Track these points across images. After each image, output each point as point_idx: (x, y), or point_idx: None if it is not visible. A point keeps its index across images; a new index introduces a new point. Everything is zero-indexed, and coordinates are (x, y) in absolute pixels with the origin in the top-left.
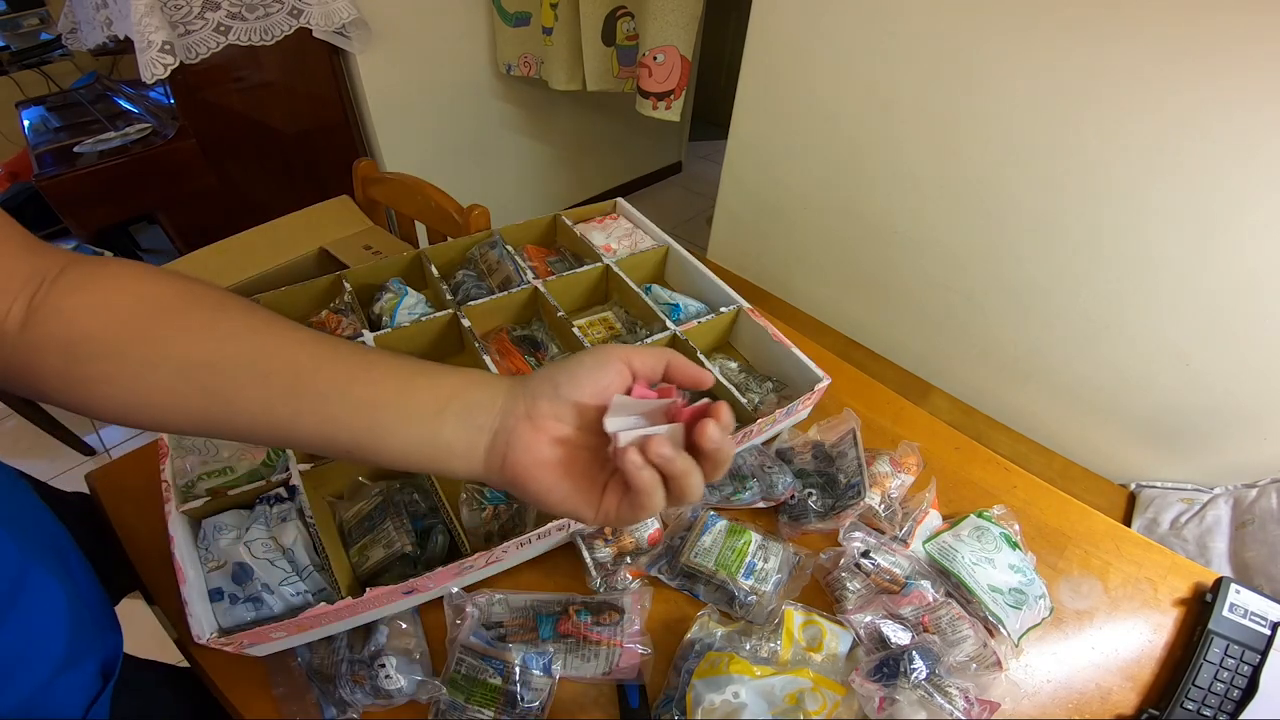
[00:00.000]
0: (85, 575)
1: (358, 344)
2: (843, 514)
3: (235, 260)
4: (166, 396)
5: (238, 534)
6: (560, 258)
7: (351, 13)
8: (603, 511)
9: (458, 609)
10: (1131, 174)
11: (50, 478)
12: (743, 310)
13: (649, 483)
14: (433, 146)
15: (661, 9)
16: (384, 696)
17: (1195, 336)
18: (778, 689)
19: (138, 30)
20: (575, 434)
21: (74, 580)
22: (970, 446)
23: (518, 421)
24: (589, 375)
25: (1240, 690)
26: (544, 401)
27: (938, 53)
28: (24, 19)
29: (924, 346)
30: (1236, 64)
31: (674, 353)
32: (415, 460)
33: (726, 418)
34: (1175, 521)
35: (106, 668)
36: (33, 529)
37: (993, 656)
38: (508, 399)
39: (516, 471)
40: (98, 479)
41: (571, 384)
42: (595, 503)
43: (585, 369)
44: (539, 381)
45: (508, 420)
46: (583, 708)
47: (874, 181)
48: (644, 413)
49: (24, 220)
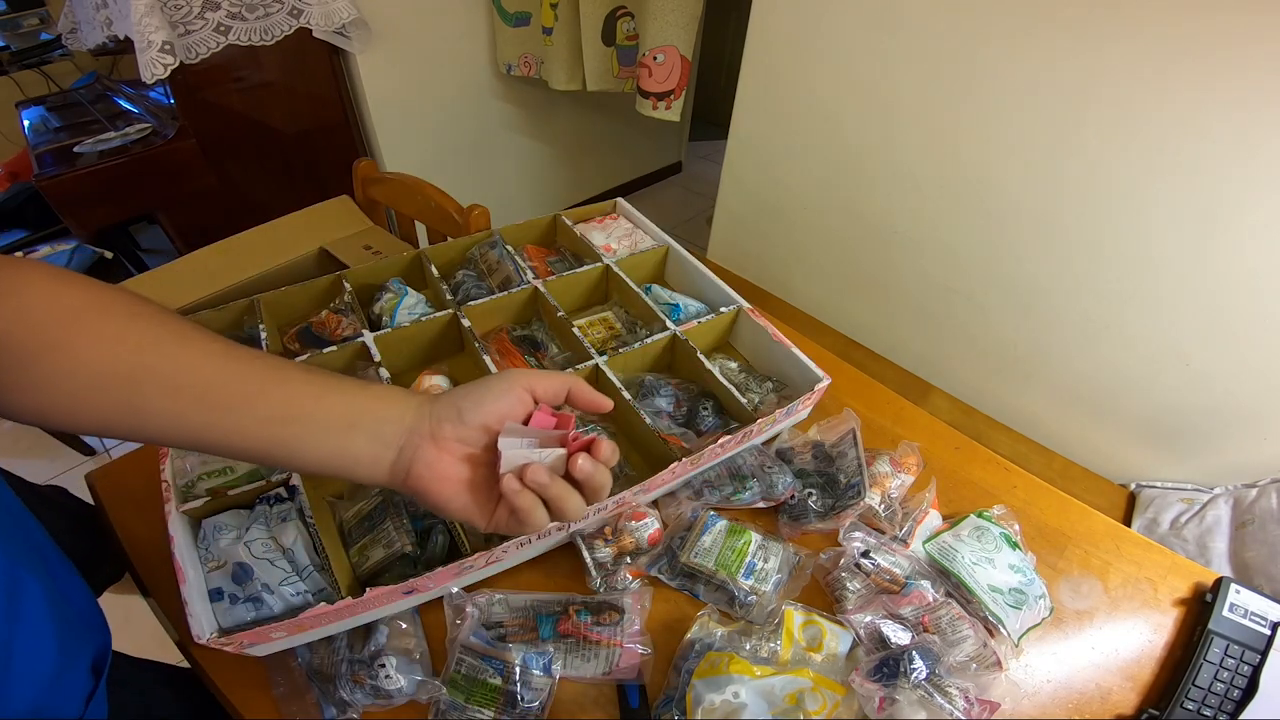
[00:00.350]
0: (66, 572)
1: (274, 357)
2: (843, 514)
3: (235, 260)
4: (77, 403)
5: (238, 534)
6: (560, 258)
7: (351, 13)
8: (494, 522)
9: (458, 609)
10: (1131, 174)
11: (50, 478)
12: (743, 310)
13: (526, 504)
14: (433, 146)
15: (661, 9)
16: (384, 696)
17: (1195, 336)
18: (778, 689)
19: (138, 30)
20: (477, 453)
21: (55, 579)
22: (970, 446)
23: (422, 440)
24: (492, 401)
25: (1240, 690)
26: (447, 425)
27: (938, 52)
28: (24, 19)
29: (924, 346)
30: (1236, 64)
31: (576, 380)
32: (324, 469)
33: (605, 452)
34: (1175, 521)
35: (97, 664)
36: (14, 531)
37: (993, 656)
38: (415, 418)
39: (418, 484)
40: (98, 479)
41: (474, 409)
42: (489, 514)
43: (490, 395)
44: (444, 405)
45: (413, 439)
46: (583, 708)
47: (874, 181)
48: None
49: (24, 220)
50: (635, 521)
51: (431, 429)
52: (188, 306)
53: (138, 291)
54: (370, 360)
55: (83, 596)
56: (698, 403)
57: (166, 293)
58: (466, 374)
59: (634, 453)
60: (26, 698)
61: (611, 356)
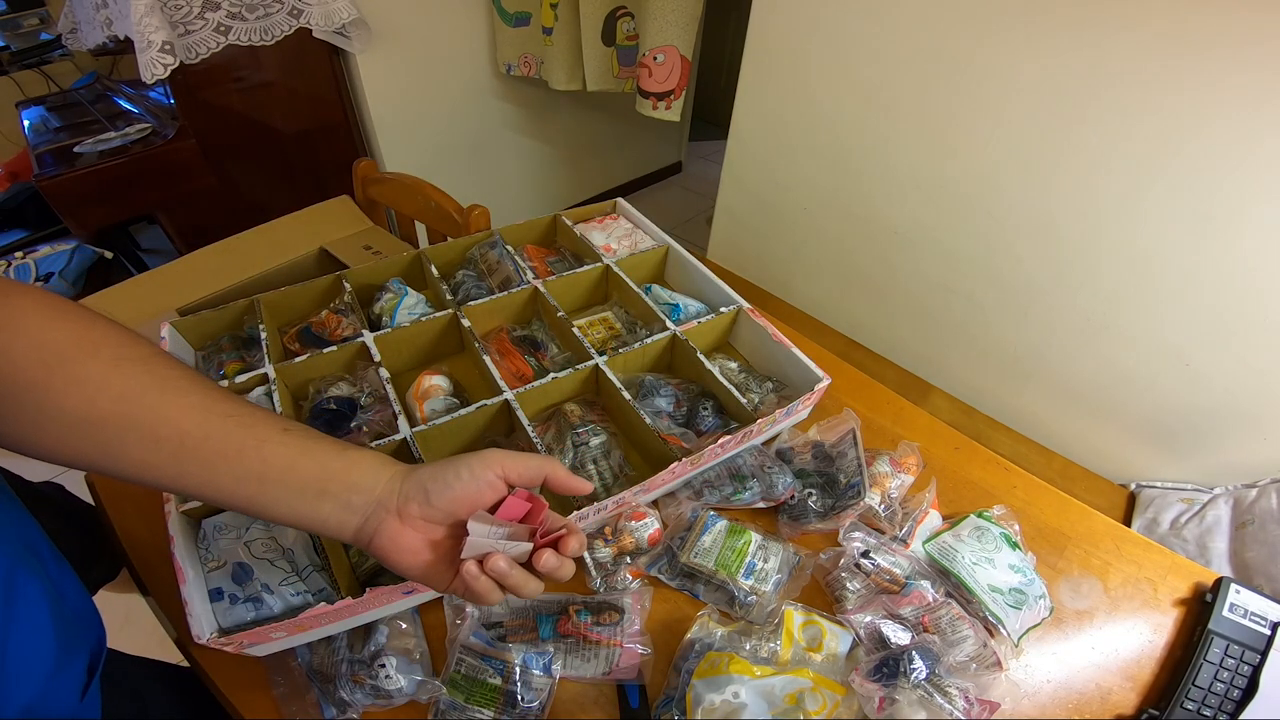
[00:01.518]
0: (61, 569)
1: (255, 411)
2: (843, 514)
3: (235, 260)
4: (55, 442)
5: (238, 534)
6: (560, 258)
7: (351, 13)
8: (452, 588)
9: (458, 609)
10: (1131, 174)
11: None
12: (743, 310)
13: (483, 588)
14: (433, 146)
15: (661, 9)
16: (384, 696)
17: (1195, 336)
18: (778, 689)
19: (138, 30)
20: (443, 530)
21: (50, 576)
22: (970, 446)
23: (387, 514)
24: (460, 487)
25: (1240, 690)
26: (413, 504)
27: (938, 53)
28: (24, 19)
29: (924, 347)
30: (1236, 64)
31: (553, 465)
32: (293, 525)
33: (571, 547)
34: (1175, 521)
35: (92, 661)
36: (10, 529)
37: (993, 656)
38: (385, 492)
39: (380, 552)
40: (98, 479)
41: (441, 493)
42: (448, 582)
43: (460, 481)
44: (413, 484)
45: (379, 511)
46: (583, 708)
47: (874, 181)
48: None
49: (24, 220)
50: (635, 521)
51: (398, 506)
52: (188, 307)
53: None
54: (370, 360)
55: (78, 594)
56: (698, 403)
57: (166, 293)
58: (466, 374)
59: (634, 453)
60: (23, 696)
61: (611, 356)
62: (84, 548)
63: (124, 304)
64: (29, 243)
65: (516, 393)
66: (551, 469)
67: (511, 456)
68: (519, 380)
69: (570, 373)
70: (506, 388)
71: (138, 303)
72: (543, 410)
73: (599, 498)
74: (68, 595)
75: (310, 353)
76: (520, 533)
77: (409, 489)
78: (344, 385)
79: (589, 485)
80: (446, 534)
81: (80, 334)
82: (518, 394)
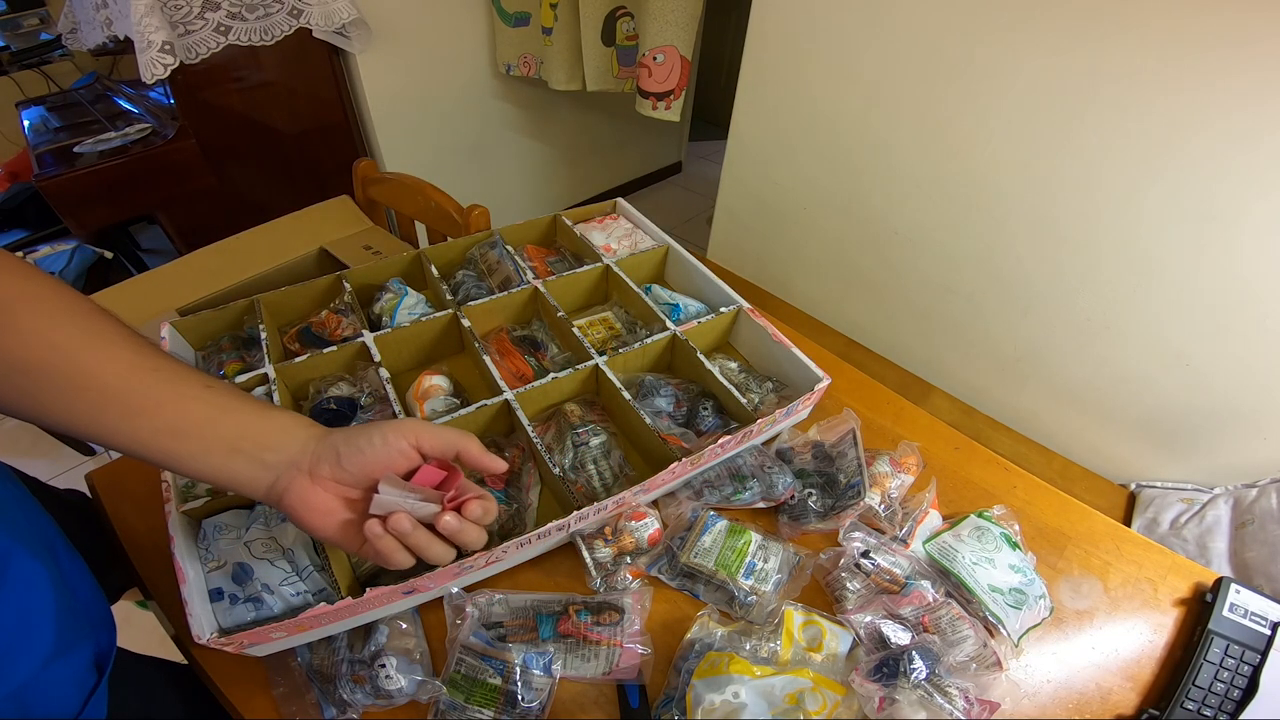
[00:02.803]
0: (74, 564)
1: (185, 370)
2: (843, 514)
3: (235, 260)
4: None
5: (238, 534)
6: (560, 258)
7: (351, 13)
8: (363, 551)
9: (458, 609)
10: (1130, 173)
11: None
12: (743, 310)
13: (386, 547)
14: (433, 146)
15: (661, 9)
16: (384, 696)
17: (1194, 337)
18: (778, 689)
19: (138, 30)
20: (356, 493)
21: (60, 567)
22: (970, 446)
23: (299, 474)
24: (371, 452)
25: (1240, 690)
26: (324, 465)
27: (938, 53)
28: (24, 19)
29: (924, 347)
30: (1235, 63)
31: (468, 440)
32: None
33: (475, 513)
34: (1175, 521)
35: (100, 660)
36: (17, 515)
37: (993, 656)
38: (298, 453)
39: (289, 511)
40: (98, 479)
41: (353, 457)
42: (360, 543)
43: (372, 446)
44: (325, 447)
45: (290, 471)
46: (583, 708)
47: (874, 181)
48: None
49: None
50: (635, 521)
51: (310, 466)
52: (188, 307)
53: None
54: (370, 360)
55: (91, 591)
56: (698, 403)
57: (166, 293)
58: (466, 374)
59: (634, 453)
60: (15, 676)
61: (611, 357)
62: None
63: (124, 304)
64: (29, 243)
65: (516, 393)
66: (465, 444)
67: (426, 427)
68: (519, 380)
69: (570, 373)
70: (506, 388)
71: (138, 303)
72: (543, 410)
73: (599, 497)
74: (78, 590)
75: (310, 353)
76: (431, 498)
77: (321, 450)
78: (344, 385)
79: (502, 464)
80: (362, 498)
81: (29, 287)
82: (518, 394)
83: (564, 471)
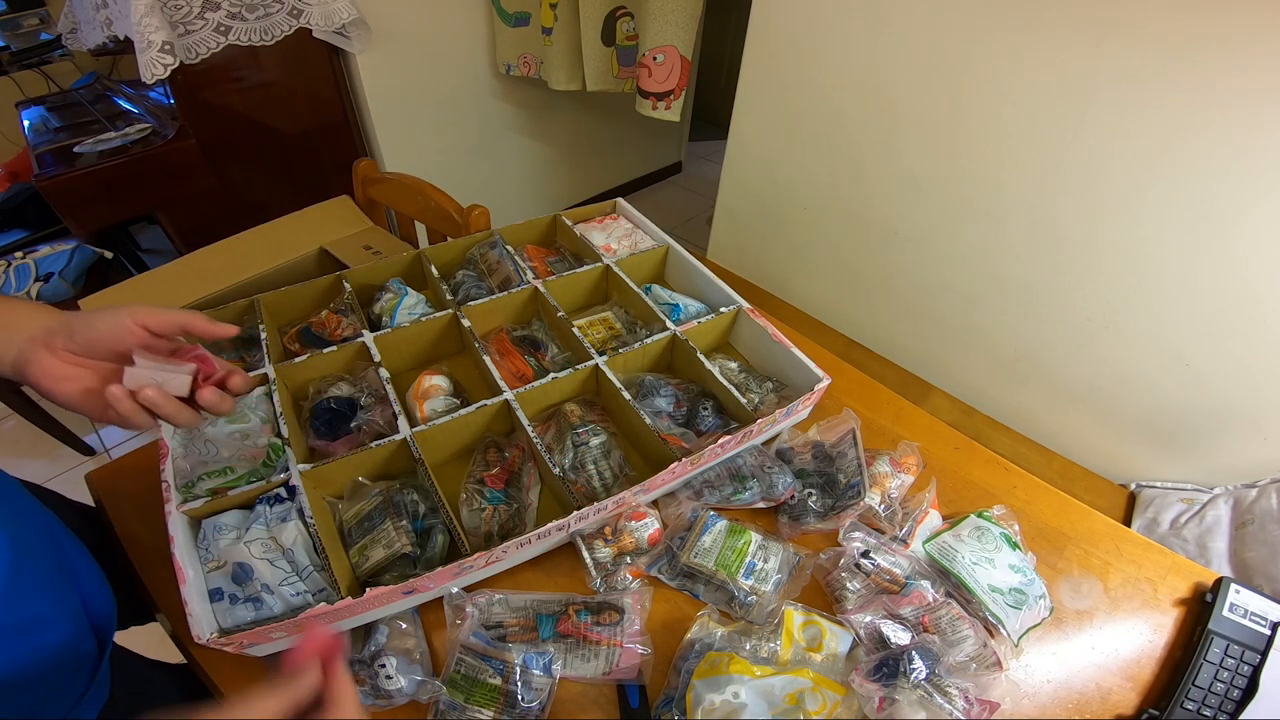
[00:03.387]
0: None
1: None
2: (843, 514)
3: (235, 260)
4: None
5: (238, 534)
6: (560, 258)
7: (351, 13)
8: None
9: (458, 609)
10: (1130, 174)
11: (50, 478)
12: (743, 310)
13: (127, 410)
14: (433, 146)
15: (661, 9)
16: (384, 696)
17: (1194, 336)
18: (778, 689)
19: (138, 30)
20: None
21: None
22: (970, 446)
23: (37, 346)
24: (102, 326)
25: (1240, 690)
26: (59, 337)
27: (938, 52)
28: (24, 19)
29: (923, 347)
30: (1235, 64)
31: (194, 316)
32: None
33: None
34: (1175, 521)
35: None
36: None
37: (993, 656)
38: (36, 329)
39: (32, 379)
40: (97, 479)
41: (83, 329)
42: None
43: (103, 322)
44: (61, 322)
45: (30, 344)
46: (583, 708)
47: (874, 182)
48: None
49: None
50: (635, 521)
51: (45, 339)
52: (187, 307)
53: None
54: (370, 360)
55: (95, 579)
56: (698, 403)
57: (166, 293)
58: (466, 374)
59: (634, 453)
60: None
61: (611, 357)
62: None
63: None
64: (29, 243)
65: (516, 393)
66: (188, 318)
67: (150, 309)
68: (519, 380)
69: (570, 373)
70: (506, 388)
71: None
72: (543, 410)
73: (599, 497)
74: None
75: (310, 353)
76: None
77: (56, 325)
78: (344, 385)
79: (231, 329)
80: (111, 371)
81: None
82: (518, 394)
83: (564, 471)
